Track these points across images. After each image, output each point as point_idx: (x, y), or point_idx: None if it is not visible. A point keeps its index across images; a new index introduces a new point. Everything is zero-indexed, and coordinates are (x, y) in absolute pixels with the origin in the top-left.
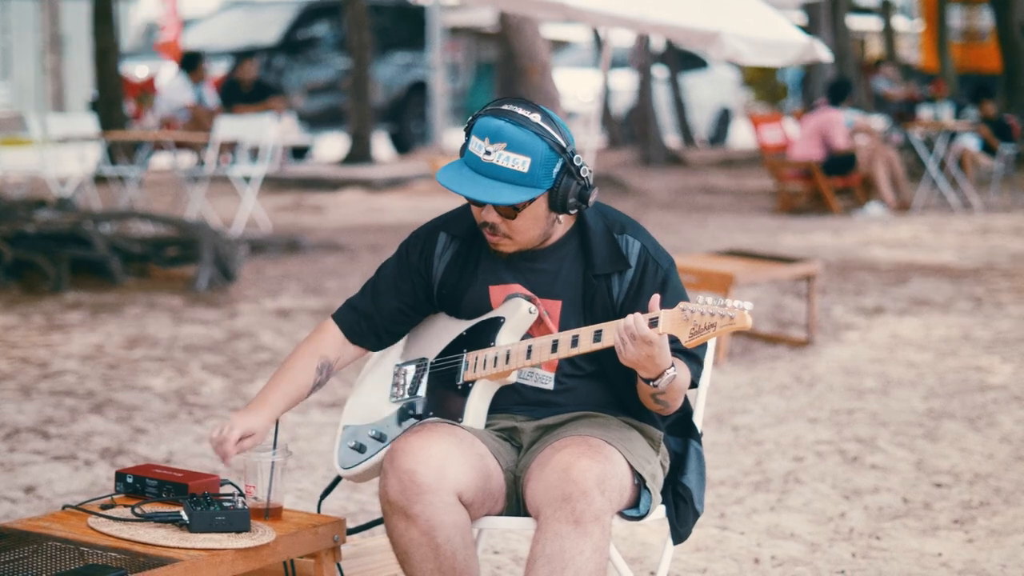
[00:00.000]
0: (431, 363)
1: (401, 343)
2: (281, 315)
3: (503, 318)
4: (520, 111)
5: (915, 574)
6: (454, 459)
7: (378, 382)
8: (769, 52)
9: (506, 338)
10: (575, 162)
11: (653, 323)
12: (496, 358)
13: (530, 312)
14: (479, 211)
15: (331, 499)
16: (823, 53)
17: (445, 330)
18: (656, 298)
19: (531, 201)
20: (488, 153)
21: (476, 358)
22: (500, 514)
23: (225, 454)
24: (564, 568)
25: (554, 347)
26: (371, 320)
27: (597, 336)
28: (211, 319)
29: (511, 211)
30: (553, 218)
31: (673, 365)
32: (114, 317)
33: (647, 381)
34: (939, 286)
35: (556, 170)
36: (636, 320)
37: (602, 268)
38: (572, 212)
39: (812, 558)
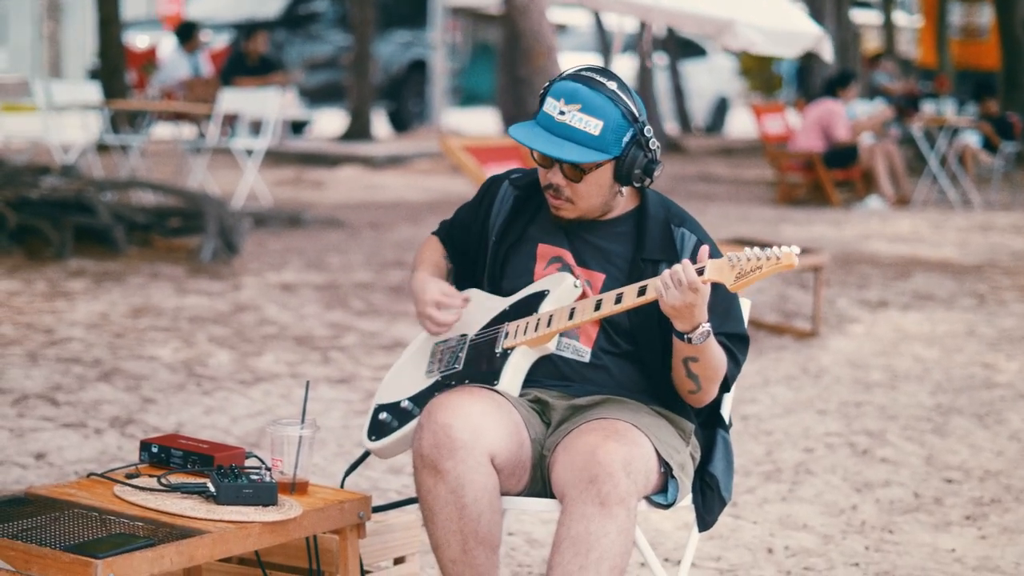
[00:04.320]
0: (471, 338)
1: None
2: (285, 289)
3: (547, 291)
4: (598, 77)
5: (929, 569)
6: (491, 420)
7: (415, 361)
8: (781, 42)
9: (548, 310)
10: (645, 133)
11: (700, 272)
12: (538, 322)
13: (575, 286)
14: (545, 173)
15: (338, 475)
16: (827, 52)
17: (486, 307)
18: (705, 249)
19: (598, 166)
20: (562, 113)
21: (516, 326)
22: (524, 489)
23: (445, 321)
24: (589, 550)
25: (597, 306)
26: (446, 247)
27: (642, 291)
28: (215, 291)
29: (577, 173)
30: (616, 189)
31: (709, 322)
32: (118, 286)
33: (681, 336)
34: (942, 282)
35: (626, 139)
36: (685, 266)
37: (651, 253)
38: (636, 185)
39: (825, 549)
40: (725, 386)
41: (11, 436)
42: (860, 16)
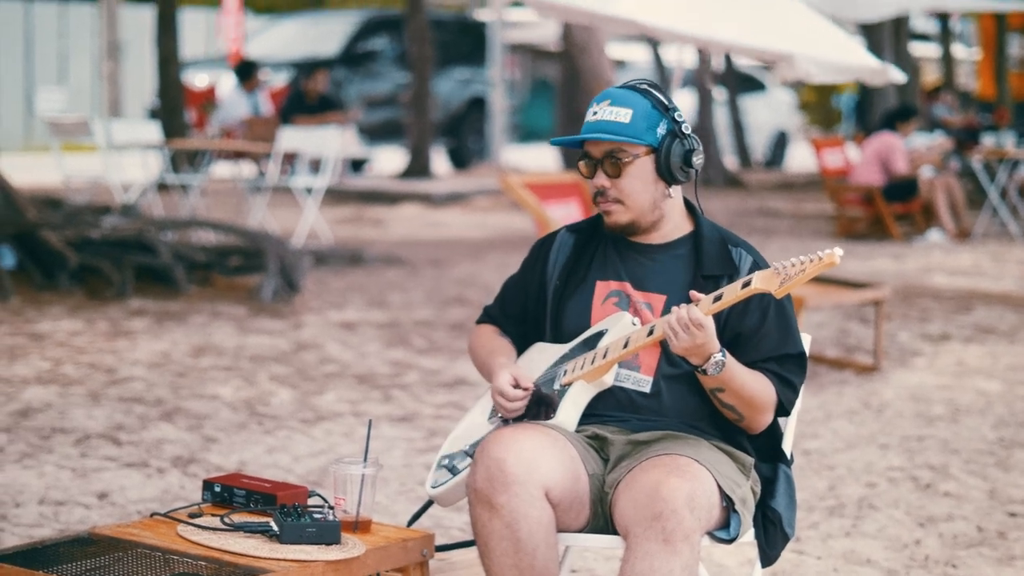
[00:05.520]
0: (531, 389)
1: None
2: (346, 327)
3: (606, 330)
4: (628, 81)
5: None
6: (545, 455)
7: (479, 409)
8: (839, 74)
9: (604, 344)
10: (678, 119)
11: (747, 284)
12: (594, 356)
13: (633, 324)
14: (592, 182)
15: (406, 513)
16: (896, 75)
17: (549, 352)
18: (695, 294)
19: (636, 157)
20: (595, 113)
21: (574, 363)
22: (584, 525)
23: (514, 410)
24: None
25: (650, 331)
26: (502, 326)
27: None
28: (276, 329)
29: (616, 168)
30: (663, 189)
31: (722, 351)
32: (179, 325)
33: (696, 369)
34: (1003, 314)
35: (661, 131)
36: (690, 307)
37: (711, 269)
38: (680, 178)
39: None
40: (782, 410)
41: (74, 476)
42: (919, 49)
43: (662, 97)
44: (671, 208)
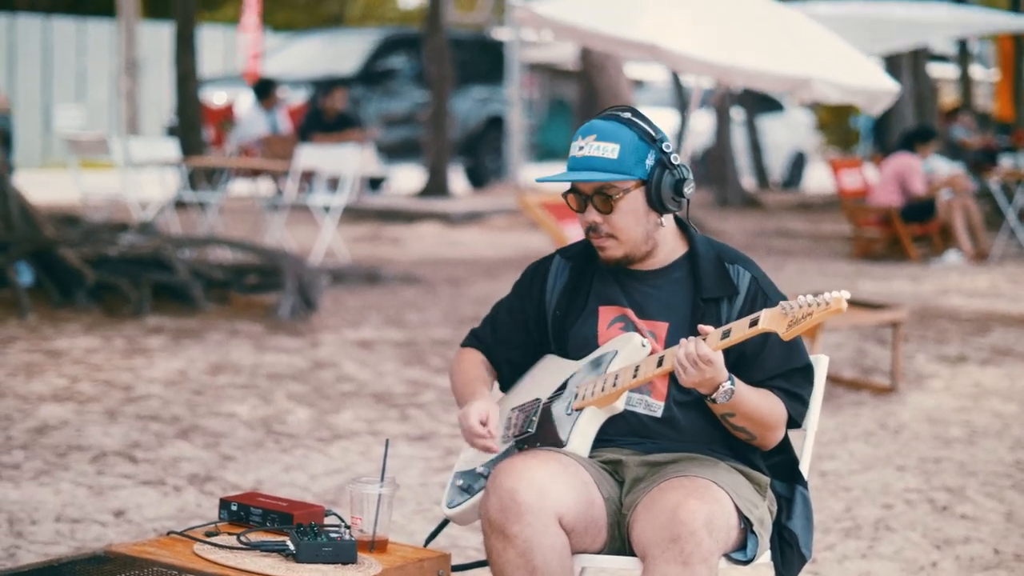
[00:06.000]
0: (543, 401)
1: (517, 392)
2: (363, 346)
3: (615, 351)
4: (612, 110)
5: None
6: (557, 482)
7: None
8: (856, 96)
9: (615, 369)
10: (665, 149)
11: (754, 323)
12: (604, 381)
13: (643, 346)
14: (583, 217)
15: (423, 532)
16: (878, 109)
17: (558, 370)
18: (703, 328)
19: (625, 192)
20: (581, 148)
21: (585, 387)
22: (602, 548)
23: (487, 447)
24: None
25: (660, 362)
26: (491, 351)
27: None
28: (293, 348)
29: (607, 204)
30: (655, 220)
31: (731, 379)
32: (196, 343)
33: (705, 398)
34: (1020, 337)
35: (649, 162)
36: (697, 342)
37: (710, 292)
38: (671, 208)
39: None
40: (794, 423)
41: (90, 493)
42: (937, 70)
43: (647, 127)
44: (664, 235)
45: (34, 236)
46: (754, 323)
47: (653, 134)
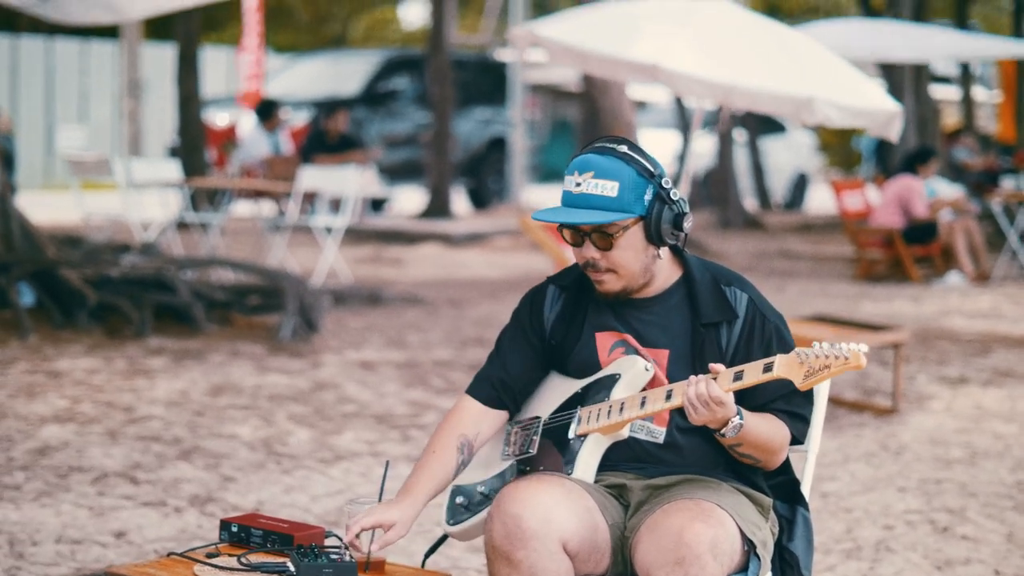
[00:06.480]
0: (544, 421)
1: None
2: (365, 367)
3: (619, 375)
4: (606, 143)
5: None
6: (561, 508)
7: (491, 443)
8: (859, 118)
9: (621, 394)
10: (664, 184)
11: (768, 369)
12: (610, 409)
13: (646, 370)
14: (580, 252)
15: (422, 553)
16: (894, 132)
17: (560, 389)
18: (714, 366)
19: (625, 229)
20: (578, 184)
21: (589, 412)
22: (605, 572)
23: (350, 542)
24: None
25: (668, 396)
26: (504, 383)
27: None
28: (295, 369)
29: (606, 241)
30: (653, 253)
31: (739, 413)
32: (198, 364)
33: (715, 432)
34: (1022, 358)
35: (648, 197)
36: (709, 384)
37: (709, 317)
38: (670, 242)
39: None
40: (796, 442)
41: (91, 515)
42: (939, 91)
43: (645, 162)
44: (660, 264)
45: (36, 256)
46: (768, 368)
47: (651, 169)
